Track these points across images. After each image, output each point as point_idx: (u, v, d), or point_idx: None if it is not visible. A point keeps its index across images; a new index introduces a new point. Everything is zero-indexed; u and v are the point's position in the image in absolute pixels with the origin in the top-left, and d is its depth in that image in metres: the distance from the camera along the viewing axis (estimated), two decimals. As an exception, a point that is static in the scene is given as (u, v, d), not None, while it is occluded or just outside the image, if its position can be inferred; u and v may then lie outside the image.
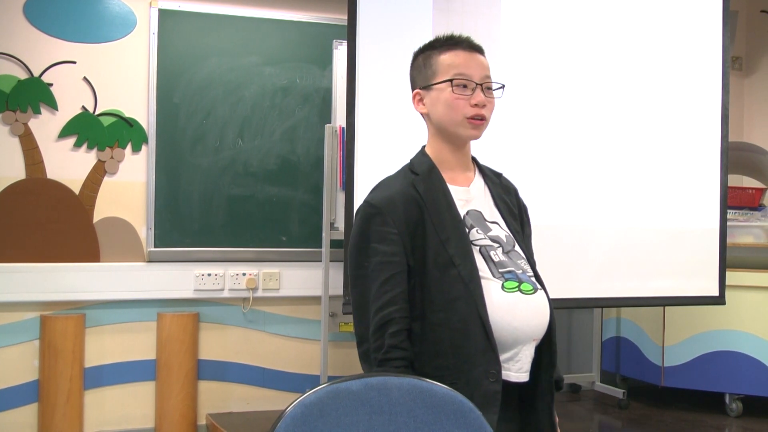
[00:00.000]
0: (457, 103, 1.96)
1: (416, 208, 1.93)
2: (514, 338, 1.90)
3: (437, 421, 1.53)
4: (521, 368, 1.91)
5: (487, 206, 2.04)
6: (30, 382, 3.99)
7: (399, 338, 1.85)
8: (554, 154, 3.89)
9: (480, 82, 1.97)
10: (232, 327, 4.34)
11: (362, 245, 1.93)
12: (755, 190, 4.80)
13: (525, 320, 1.91)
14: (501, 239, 1.99)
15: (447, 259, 1.89)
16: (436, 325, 1.88)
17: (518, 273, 1.95)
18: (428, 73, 2.02)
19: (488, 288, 1.90)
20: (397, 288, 1.88)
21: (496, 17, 3.76)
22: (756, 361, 4.34)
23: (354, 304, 1.96)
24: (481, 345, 1.86)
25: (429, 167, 2.01)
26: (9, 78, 3.94)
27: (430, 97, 2.02)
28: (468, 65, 1.98)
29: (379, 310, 1.87)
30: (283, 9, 4.37)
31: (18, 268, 3.93)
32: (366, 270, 1.91)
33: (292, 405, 1.46)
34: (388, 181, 2.04)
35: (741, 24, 5.46)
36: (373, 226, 1.91)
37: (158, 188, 4.15)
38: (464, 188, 2.03)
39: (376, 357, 1.86)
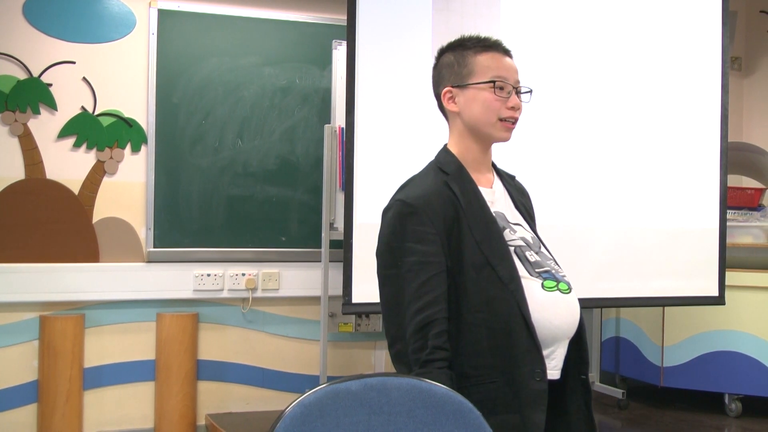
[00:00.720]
0: (495, 105, 1.98)
1: (452, 207, 1.93)
2: (553, 336, 1.92)
3: (436, 421, 1.53)
4: (556, 366, 1.94)
5: (509, 208, 2.06)
6: (29, 382, 3.99)
7: (442, 339, 1.84)
8: (554, 154, 3.89)
9: (514, 85, 2.00)
10: (231, 327, 4.34)
11: (396, 244, 1.91)
12: (754, 190, 4.80)
13: (563, 318, 1.94)
14: (528, 240, 2.02)
15: (483, 260, 1.90)
16: (473, 325, 1.89)
17: (554, 272, 1.99)
18: (463, 72, 2.01)
19: (529, 287, 1.92)
20: (438, 289, 1.87)
21: (495, 18, 3.76)
22: (755, 361, 4.34)
23: (385, 303, 1.95)
24: (525, 344, 1.87)
25: (458, 167, 2.01)
26: (8, 78, 3.94)
27: (464, 95, 2.01)
28: (504, 68, 2.00)
29: (420, 310, 1.85)
30: (283, 9, 4.37)
31: (17, 268, 3.93)
32: (400, 270, 1.89)
33: (291, 405, 1.46)
34: (418, 179, 2.04)
35: (740, 24, 5.46)
36: (409, 225, 1.90)
37: (157, 188, 4.15)
38: (489, 189, 2.04)
39: (418, 358, 1.84)
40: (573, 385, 1.99)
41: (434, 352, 1.83)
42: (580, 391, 2.00)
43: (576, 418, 2.00)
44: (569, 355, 1.98)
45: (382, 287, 1.96)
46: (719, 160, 4.12)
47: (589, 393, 2.02)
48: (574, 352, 1.99)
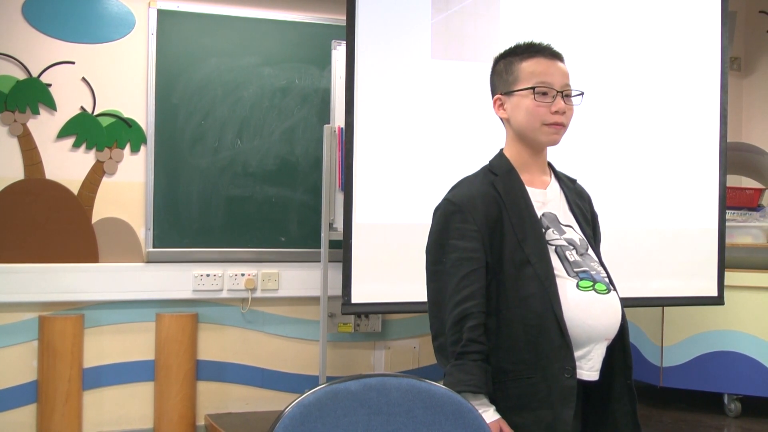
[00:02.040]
0: (537, 111, 2.02)
1: (495, 206, 1.99)
2: (588, 336, 1.95)
3: (436, 421, 1.53)
4: (593, 367, 1.97)
5: (562, 210, 2.10)
6: (29, 382, 3.99)
7: (477, 332, 1.91)
8: (553, 154, 3.88)
9: (560, 89, 2.03)
10: (230, 327, 4.34)
11: (441, 241, 2.00)
12: (754, 190, 4.80)
13: (598, 319, 1.96)
14: (575, 242, 2.05)
15: (523, 257, 1.95)
16: (510, 321, 1.94)
17: (592, 273, 2.01)
18: (509, 79, 2.07)
19: (563, 286, 1.95)
20: (476, 284, 1.93)
21: (494, 18, 3.76)
22: (755, 361, 4.33)
23: (431, 298, 2.02)
24: (557, 342, 1.91)
25: (508, 169, 2.07)
26: (7, 78, 3.94)
27: (511, 102, 2.07)
28: (549, 72, 2.04)
29: (458, 304, 1.92)
30: (282, 9, 4.37)
31: (16, 268, 3.93)
32: (444, 266, 1.97)
33: (291, 405, 1.46)
34: (467, 180, 2.10)
35: (740, 24, 5.46)
36: (453, 223, 1.98)
37: (157, 189, 4.15)
38: (541, 191, 2.09)
39: (454, 350, 1.91)
40: (620, 391, 2.03)
41: (468, 344, 1.89)
42: (627, 397, 2.03)
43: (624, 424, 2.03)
44: (613, 359, 2.01)
45: (429, 283, 2.04)
46: (718, 160, 4.12)
47: (635, 399, 2.05)
48: (618, 357, 2.01)
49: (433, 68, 3.68)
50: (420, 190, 3.63)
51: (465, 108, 3.67)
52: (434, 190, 3.66)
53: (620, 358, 2.02)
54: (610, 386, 2.01)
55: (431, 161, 3.64)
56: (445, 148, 3.66)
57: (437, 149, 3.65)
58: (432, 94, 3.68)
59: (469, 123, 3.66)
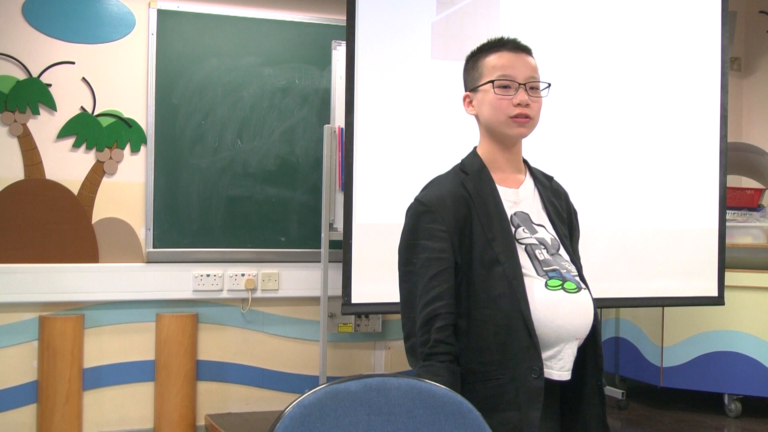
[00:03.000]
0: (500, 104, 2.00)
1: (465, 206, 1.98)
2: (557, 336, 1.93)
3: (436, 421, 1.53)
4: (563, 367, 1.94)
5: (535, 209, 2.08)
6: (29, 382, 3.99)
7: (445, 333, 1.89)
8: (554, 154, 3.88)
9: (524, 81, 2.00)
10: (231, 328, 4.34)
11: (412, 242, 1.98)
12: (754, 190, 4.80)
13: (568, 318, 1.94)
14: (546, 241, 2.03)
15: (493, 257, 1.93)
16: (480, 321, 1.93)
17: (562, 272, 1.99)
18: (475, 75, 2.06)
19: (531, 285, 1.93)
20: (445, 284, 1.92)
21: (494, 18, 3.76)
22: (755, 361, 4.34)
23: (402, 299, 2.01)
24: (524, 342, 1.89)
25: (479, 167, 2.05)
26: (7, 78, 3.94)
27: (477, 99, 2.07)
28: (512, 65, 2.01)
29: (427, 305, 1.91)
30: (282, 9, 4.37)
31: (17, 268, 3.93)
32: (414, 266, 1.96)
33: (291, 405, 1.46)
34: (438, 179, 2.09)
35: (740, 24, 5.46)
36: (423, 224, 1.97)
37: (157, 189, 4.15)
38: (513, 190, 2.06)
39: (422, 351, 1.89)
40: (590, 392, 2.00)
41: (436, 345, 1.88)
42: (597, 399, 2.01)
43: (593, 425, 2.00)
44: (585, 359, 1.99)
45: (400, 284, 2.02)
46: (719, 160, 4.12)
47: (604, 400, 2.03)
48: (590, 358, 1.99)
49: (433, 68, 3.69)
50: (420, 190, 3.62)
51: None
52: (434, 190, 3.68)
53: (592, 358, 1.99)
54: (581, 387, 1.99)
55: (431, 161, 3.62)
56: (445, 148, 3.65)
57: (437, 149, 3.65)
58: (432, 94, 3.68)
59: (470, 123, 3.66)
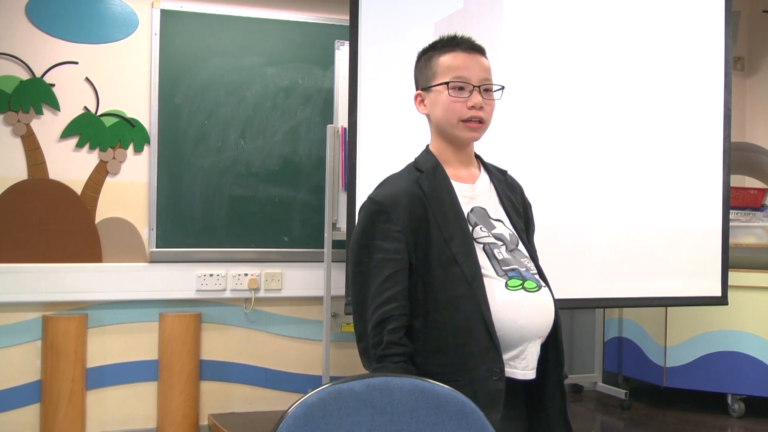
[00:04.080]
0: (453, 106, 1.97)
1: (420, 205, 1.93)
2: (520, 336, 1.90)
3: (439, 421, 1.53)
4: (527, 366, 1.92)
5: (492, 204, 2.04)
6: (32, 382, 3.99)
7: (398, 335, 1.86)
8: (557, 155, 3.89)
9: (478, 84, 1.96)
10: (234, 327, 4.34)
11: (364, 242, 1.93)
12: (757, 190, 4.80)
13: (529, 318, 1.91)
14: (505, 237, 1.99)
15: (450, 257, 1.90)
16: (439, 323, 1.89)
17: (522, 270, 1.95)
18: (428, 74, 2.02)
19: (491, 286, 1.90)
20: (398, 285, 1.88)
21: (498, 17, 3.76)
22: (758, 361, 4.33)
23: (354, 300, 1.98)
24: (485, 344, 1.86)
25: (434, 164, 2.01)
26: (11, 78, 3.95)
27: (429, 98, 2.03)
28: (466, 67, 1.97)
29: (379, 306, 1.88)
30: (285, 9, 4.37)
31: (20, 268, 3.94)
32: (367, 267, 1.92)
33: (294, 405, 1.46)
34: (392, 178, 2.04)
35: (743, 24, 5.45)
36: (377, 224, 1.92)
37: (160, 189, 4.15)
38: (469, 185, 2.03)
39: (375, 353, 1.87)
40: (552, 387, 1.98)
41: (389, 347, 1.85)
42: (558, 393, 1.98)
43: (555, 420, 1.98)
44: (546, 355, 1.96)
45: (352, 284, 1.98)
46: (722, 160, 4.12)
47: (565, 394, 2.00)
48: (550, 353, 1.96)
49: (436, 68, 3.68)
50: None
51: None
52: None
53: (553, 355, 1.97)
54: (543, 384, 1.96)
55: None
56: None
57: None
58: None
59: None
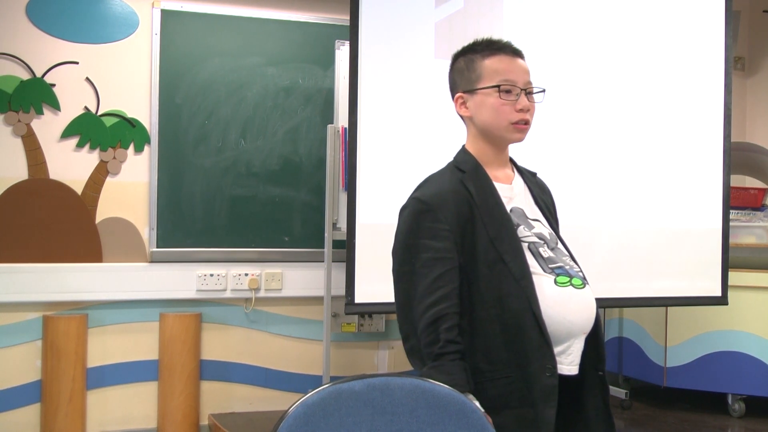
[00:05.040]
0: (503, 109, 2.00)
1: (467, 205, 1.96)
2: (567, 331, 1.94)
3: (440, 421, 1.53)
4: (573, 361, 1.96)
5: (528, 204, 2.09)
6: (32, 382, 3.99)
7: (453, 333, 1.88)
8: (557, 155, 3.88)
9: (523, 87, 2.01)
10: (234, 327, 4.34)
11: (411, 242, 1.96)
12: (758, 190, 4.80)
13: (577, 314, 1.95)
14: (545, 236, 2.04)
15: (496, 256, 1.93)
16: (486, 320, 1.92)
17: (567, 268, 2.00)
18: (472, 77, 2.04)
19: (540, 283, 1.94)
20: (450, 284, 1.90)
21: (498, 17, 3.76)
22: (759, 361, 4.33)
23: (399, 300, 1.99)
24: (536, 340, 1.89)
25: (474, 165, 2.05)
26: (11, 78, 3.95)
27: (474, 101, 2.05)
28: (512, 70, 2.01)
29: (432, 305, 1.88)
30: (286, 9, 4.37)
31: (20, 268, 3.94)
32: (414, 266, 1.94)
33: (294, 405, 1.46)
34: (435, 178, 2.07)
35: (743, 24, 5.45)
36: (424, 223, 1.94)
37: (161, 189, 4.15)
38: (507, 185, 2.07)
39: (431, 351, 1.87)
40: (591, 382, 2.01)
41: (447, 345, 1.86)
42: (598, 388, 2.02)
43: (594, 415, 2.02)
44: (586, 351, 1.99)
45: (396, 284, 1.99)
46: (722, 160, 4.12)
47: (607, 390, 2.04)
48: (590, 349, 2.00)
49: (436, 68, 3.67)
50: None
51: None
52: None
53: (593, 350, 2.01)
54: (582, 378, 1.99)
55: (434, 161, 3.62)
56: (448, 148, 3.63)
57: (440, 149, 3.63)
58: (435, 93, 3.65)
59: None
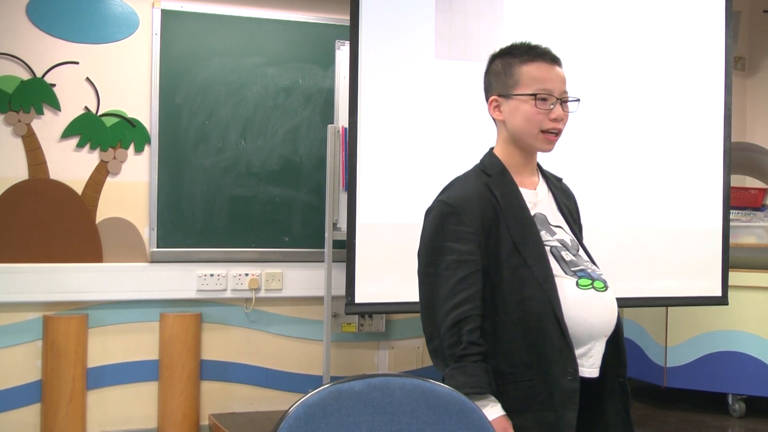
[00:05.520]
0: (536, 117, 2.01)
1: (491, 209, 1.97)
2: (589, 334, 1.95)
3: (440, 421, 1.53)
4: (593, 364, 1.96)
5: (551, 210, 2.09)
6: (33, 382, 3.99)
7: (476, 335, 1.89)
8: (557, 155, 3.87)
9: (559, 96, 2.02)
10: (234, 327, 4.34)
11: (435, 244, 1.97)
12: (758, 190, 4.79)
13: (599, 316, 1.96)
14: (566, 242, 2.05)
15: (520, 261, 1.94)
16: (508, 323, 1.93)
17: (589, 271, 2.01)
18: (509, 81, 2.04)
19: (562, 286, 1.95)
20: (473, 287, 1.91)
21: (498, 18, 3.76)
22: (759, 361, 4.33)
23: (423, 301, 2.00)
24: (558, 344, 1.90)
25: (500, 170, 2.05)
26: (12, 78, 3.95)
27: (508, 105, 2.04)
28: (550, 79, 2.02)
29: (455, 307, 1.90)
30: (286, 9, 4.37)
31: (21, 268, 3.94)
32: (438, 268, 1.95)
33: (294, 405, 1.46)
34: (460, 181, 2.08)
35: (743, 24, 5.45)
36: (449, 225, 1.95)
37: (161, 189, 4.15)
38: (532, 191, 2.07)
39: (453, 353, 1.89)
40: (611, 387, 2.02)
41: (469, 347, 1.87)
42: (619, 394, 2.03)
43: (614, 420, 2.02)
44: (607, 355, 2.00)
45: (421, 285, 2.00)
46: (722, 160, 4.11)
47: (628, 396, 2.05)
48: (612, 353, 2.01)
49: (436, 68, 3.68)
50: (423, 191, 3.59)
51: (468, 108, 3.66)
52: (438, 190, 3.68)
53: (614, 355, 2.01)
54: (602, 383, 2.00)
55: (435, 161, 3.64)
56: (448, 148, 3.66)
57: (441, 149, 3.65)
58: (435, 93, 3.68)
59: (473, 123, 3.65)
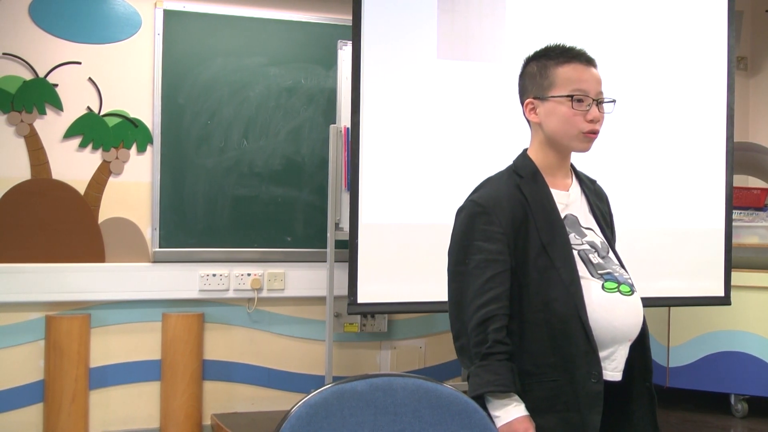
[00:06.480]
0: (574, 119, 2.02)
1: (521, 210, 1.98)
2: (612, 337, 1.96)
3: (442, 421, 1.53)
4: (616, 368, 1.97)
5: (583, 212, 2.10)
6: (35, 382, 4.00)
7: (501, 334, 1.90)
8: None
9: (595, 97, 2.04)
10: (237, 327, 4.34)
11: (465, 243, 1.98)
12: (760, 190, 4.79)
13: (623, 320, 1.97)
14: (596, 245, 2.05)
15: (548, 262, 1.95)
16: (534, 324, 1.94)
17: (616, 275, 2.01)
18: (544, 83, 2.05)
19: (588, 288, 1.96)
20: (501, 286, 1.93)
21: (500, 19, 3.76)
22: (761, 361, 4.32)
23: (452, 299, 2.01)
24: (582, 346, 1.91)
25: (533, 171, 2.06)
26: (14, 78, 3.95)
27: (545, 107, 2.06)
28: (585, 79, 2.04)
29: (482, 306, 1.91)
30: (288, 9, 4.37)
31: (23, 268, 3.94)
32: (467, 267, 1.96)
33: (297, 405, 1.46)
34: (492, 181, 2.09)
35: (746, 24, 5.44)
36: (479, 225, 1.97)
37: (163, 189, 4.15)
38: (564, 193, 2.08)
39: (479, 351, 1.90)
40: (639, 392, 2.03)
41: (495, 345, 1.88)
42: (645, 399, 2.03)
43: (641, 425, 2.03)
44: (633, 360, 2.01)
45: (450, 283, 2.02)
46: (725, 160, 4.11)
47: (654, 401, 2.05)
48: (638, 358, 2.01)
49: (439, 68, 3.68)
50: (426, 190, 3.63)
51: (471, 108, 3.67)
52: (440, 190, 3.68)
53: (640, 360, 2.02)
54: (629, 387, 2.01)
55: (437, 161, 3.64)
56: (451, 148, 3.66)
57: (443, 149, 3.65)
58: (438, 93, 3.68)
59: (475, 123, 3.66)
